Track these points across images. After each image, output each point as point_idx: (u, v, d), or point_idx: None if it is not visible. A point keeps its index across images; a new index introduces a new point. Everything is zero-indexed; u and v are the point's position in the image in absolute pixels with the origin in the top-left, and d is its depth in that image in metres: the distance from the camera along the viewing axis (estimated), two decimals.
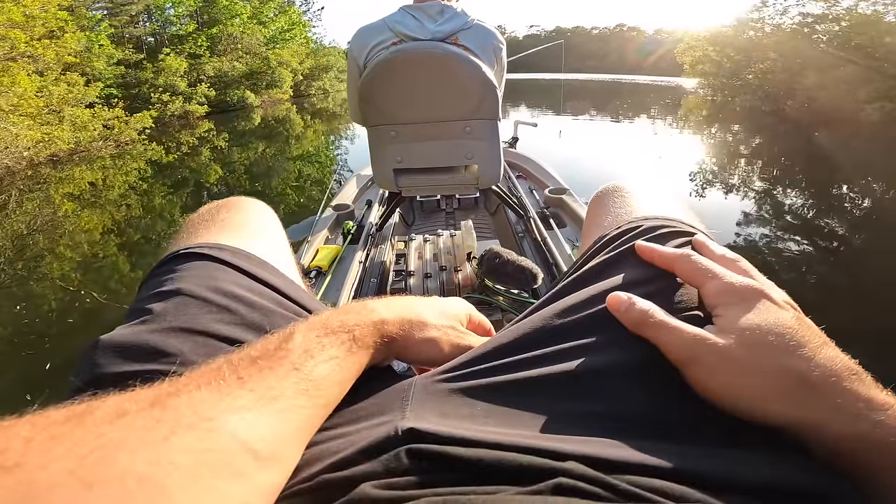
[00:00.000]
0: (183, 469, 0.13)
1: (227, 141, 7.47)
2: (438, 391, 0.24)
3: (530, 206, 1.36)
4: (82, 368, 0.24)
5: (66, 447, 0.12)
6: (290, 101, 15.66)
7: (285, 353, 0.20)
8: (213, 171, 5.15)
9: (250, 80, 14.14)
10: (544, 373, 0.22)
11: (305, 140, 7.76)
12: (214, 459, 0.14)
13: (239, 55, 14.45)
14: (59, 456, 0.12)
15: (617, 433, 0.19)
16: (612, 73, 42.71)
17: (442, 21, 0.96)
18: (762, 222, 2.87)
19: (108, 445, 0.13)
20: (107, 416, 0.14)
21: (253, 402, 0.17)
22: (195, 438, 0.14)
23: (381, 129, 1.01)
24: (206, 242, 0.33)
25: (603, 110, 11.01)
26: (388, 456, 0.18)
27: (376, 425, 0.21)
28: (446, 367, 0.26)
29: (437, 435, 0.19)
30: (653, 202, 0.36)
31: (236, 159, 6.05)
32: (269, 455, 0.16)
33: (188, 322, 0.26)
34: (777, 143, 6.46)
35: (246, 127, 9.65)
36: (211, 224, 0.36)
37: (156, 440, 0.14)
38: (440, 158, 1.04)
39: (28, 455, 0.12)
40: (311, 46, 21.61)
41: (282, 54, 15.84)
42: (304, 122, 10.44)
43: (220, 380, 0.17)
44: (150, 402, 0.15)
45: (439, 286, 0.92)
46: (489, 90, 0.94)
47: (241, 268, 0.31)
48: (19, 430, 0.12)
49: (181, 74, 11.32)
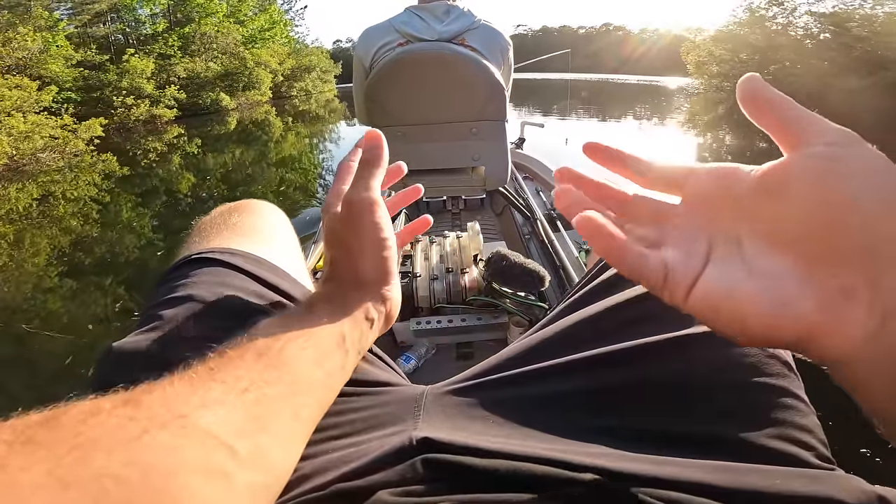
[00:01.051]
0: (158, 468, 0.14)
1: (201, 147, 7.62)
2: (451, 402, 0.27)
3: (537, 208, 1.47)
4: (97, 376, 0.27)
5: (45, 448, 0.13)
6: (270, 104, 16.11)
7: (250, 338, 0.22)
8: (185, 180, 5.24)
9: (226, 81, 14.55)
10: (558, 388, 0.25)
11: (286, 144, 7.96)
12: (189, 458, 0.15)
13: (214, 55, 14.90)
14: (40, 458, 0.13)
15: (629, 446, 0.21)
16: (598, 73, 46.28)
17: (448, 21, 1.07)
18: None
19: (84, 445, 0.14)
20: (80, 415, 0.15)
21: (223, 394, 0.18)
22: (169, 437, 0.15)
23: (387, 130, 1.10)
24: (219, 247, 0.36)
25: (608, 112, 11.64)
26: (404, 465, 0.21)
27: (389, 435, 0.24)
28: (458, 377, 0.30)
29: (451, 445, 0.21)
30: None
31: (211, 166, 6.17)
32: (249, 452, 0.17)
33: (200, 329, 0.28)
34: None
35: (221, 131, 9.87)
36: (223, 228, 0.39)
37: (130, 439, 0.15)
38: (447, 160, 1.15)
39: (10, 457, 0.13)
40: (294, 46, 22.57)
41: (260, 54, 16.43)
42: (285, 125, 10.71)
43: (191, 374, 0.19)
44: (124, 401, 0.16)
45: (445, 288, 1.00)
46: (496, 91, 1.04)
47: (254, 273, 0.34)
48: (1, 434, 0.13)
49: (148, 76, 11.56)
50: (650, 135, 7.87)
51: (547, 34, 65.03)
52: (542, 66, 2.39)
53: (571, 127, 8.58)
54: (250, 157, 6.91)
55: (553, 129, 7.50)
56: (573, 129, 8.31)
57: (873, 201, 0.14)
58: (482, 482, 0.20)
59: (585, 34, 69.46)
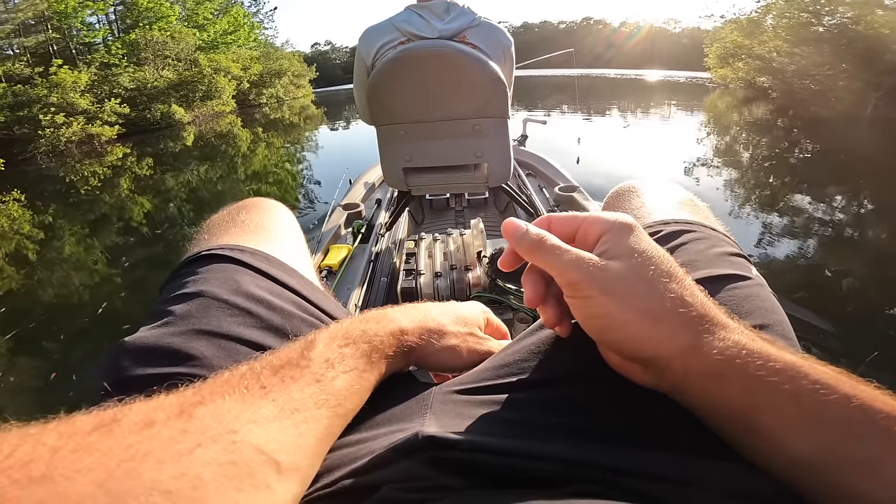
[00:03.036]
0: (207, 482, 0.18)
1: (153, 167, 7.92)
2: (457, 401, 0.32)
3: (540, 205, 1.76)
4: (108, 370, 0.33)
5: (94, 458, 0.16)
6: (235, 114, 16.92)
7: (307, 362, 0.27)
8: (137, 206, 5.44)
9: (181, 91, 15.24)
10: (562, 387, 0.31)
11: (256, 157, 8.37)
12: (238, 472, 0.19)
13: (167, 62, 15.76)
14: (88, 467, 0.16)
15: (635, 448, 0.26)
16: (578, 68, 52.82)
17: (449, 19, 1.30)
18: None
19: (136, 457, 0.17)
20: (134, 426, 0.18)
21: (276, 414, 0.23)
22: (220, 451, 0.19)
23: (389, 129, 1.37)
24: (227, 244, 0.43)
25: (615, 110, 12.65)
26: (410, 462, 0.25)
27: (396, 432, 0.28)
28: (464, 377, 0.35)
29: (457, 443, 0.26)
30: (669, 204, 0.49)
31: (171, 186, 6.44)
32: (290, 466, 0.22)
33: (210, 325, 0.35)
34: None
35: (177, 148, 10.26)
36: (231, 225, 0.48)
37: (182, 452, 0.18)
38: (449, 157, 1.40)
39: (55, 465, 0.15)
40: (264, 50, 24.15)
41: (218, 60, 17.39)
42: (255, 135, 11.24)
43: (243, 388, 0.23)
44: (177, 412, 0.20)
45: (449, 286, 1.22)
46: (498, 88, 1.28)
47: (262, 270, 0.42)
48: (45, 438, 0.16)
49: (81, 89, 11.86)
50: (685, 135, 8.31)
51: (528, 30, 74.98)
52: (538, 63, 2.75)
53: (594, 126, 9.36)
54: (217, 173, 7.25)
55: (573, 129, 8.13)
56: (598, 128, 9.10)
57: (626, 307, 0.26)
58: (487, 480, 0.25)
59: (566, 29, 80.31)
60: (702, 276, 0.39)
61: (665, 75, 22.06)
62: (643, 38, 67.37)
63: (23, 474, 0.15)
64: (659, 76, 27.35)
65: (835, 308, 2.17)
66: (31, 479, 0.14)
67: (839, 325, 1.99)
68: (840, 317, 2.07)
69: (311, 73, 28.93)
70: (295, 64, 26.07)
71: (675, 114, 11.72)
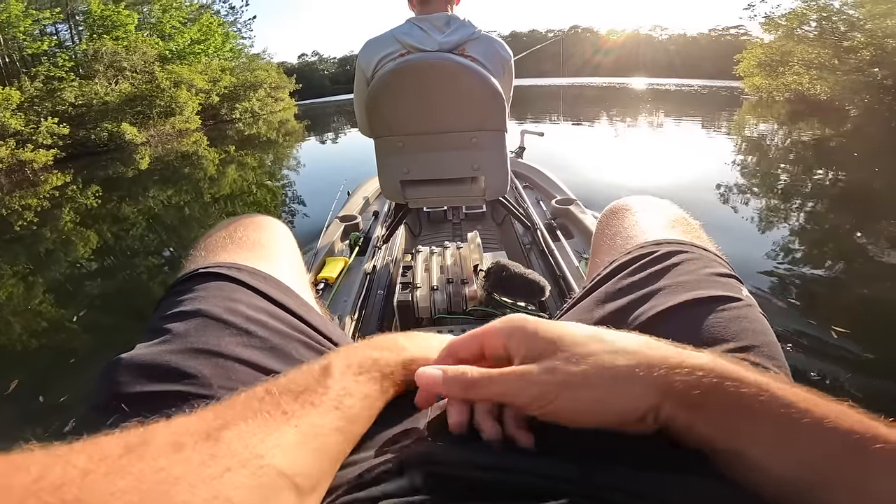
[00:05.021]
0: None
1: (100, 196, 8.23)
2: None
3: (537, 218, 2.10)
4: (103, 386, 0.39)
5: (127, 482, 0.20)
6: (201, 131, 17.79)
7: (325, 390, 0.35)
8: (84, 241, 5.67)
9: (135, 107, 15.96)
10: None
11: (226, 179, 8.85)
12: (264, 495, 0.25)
13: (122, 75, 16.58)
14: (122, 490, 0.19)
15: (633, 463, 0.32)
16: (566, 77, 58.76)
17: (449, 32, 1.56)
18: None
19: (169, 480, 0.21)
20: (164, 450, 0.23)
21: (298, 439, 0.30)
22: (248, 475, 0.25)
23: (387, 141, 1.65)
24: (224, 262, 0.52)
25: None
26: (406, 478, 0.32)
27: (394, 445, 0.36)
28: None
29: (453, 460, 0.33)
30: (662, 223, 0.60)
31: (124, 217, 6.73)
32: (309, 488, 0.29)
33: (208, 344, 0.42)
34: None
35: (128, 173, 10.68)
36: (228, 242, 0.57)
37: (213, 476, 0.23)
38: (447, 169, 1.67)
39: (87, 489, 0.18)
40: (240, 61, 25.96)
41: (179, 71, 18.35)
42: (227, 154, 11.81)
43: (265, 413, 0.30)
44: (205, 436, 0.26)
45: (446, 299, 1.45)
46: (496, 101, 1.54)
47: (259, 290, 0.50)
48: (75, 461, 0.20)
49: (13, 108, 12.08)
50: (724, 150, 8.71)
51: (517, 39, 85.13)
52: (531, 72, 3.19)
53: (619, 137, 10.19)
54: (180, 198, 7.60)
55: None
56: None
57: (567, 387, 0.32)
58: (483, 496, 0.30)
59: (554, 37, 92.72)
60: (692, 297, 0.48)
61: (648, 83, 25.40)
62: (630, 44, 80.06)
63: (56, 497, 0.17)
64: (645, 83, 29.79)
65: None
66: (65, 503, 0.17)
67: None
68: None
69: (290, 85, 30.70)
70: (272, 75, 27.67)
71: (704, 129, 12.27)
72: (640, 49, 75.91)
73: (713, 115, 15.04)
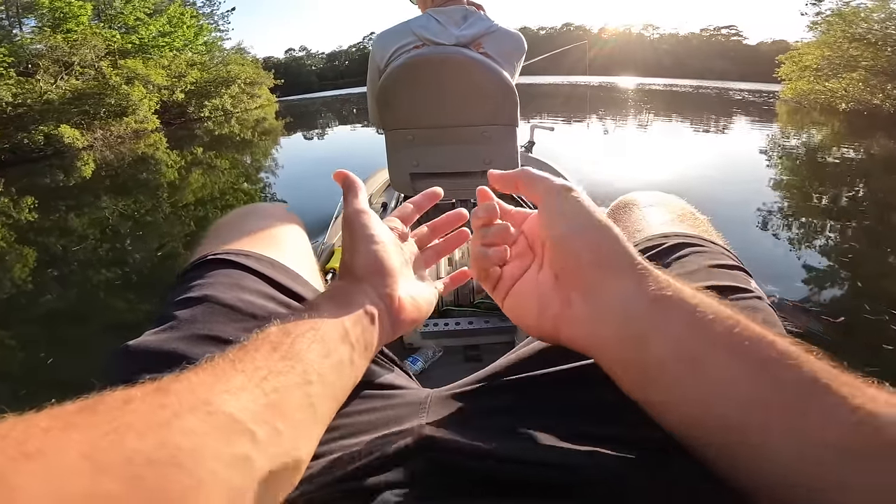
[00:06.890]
0: (186, 451, 0.26)
1: (36, 208, 8.32)
2: (455, 405, 0.47)
3: None
4: (110, 373, 0.46)
5: (80, 433, 0.24)
6: (163, 132, 18.45)
7: (264, 334, 0.40)
8: (19, 261, 5.68)
9: (79, 106, 16.47)
10: (563, 393, 0.45)
11: (188, 187, 9.16)
12: (215, 441, 0.28)
13: (69, 71, 17.15)
14: (76, 441, 0.23)
15: (632, 454, 0.37)
16: (556, 75, 61.83)
17: (465, 26, 1.82)
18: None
19: (120, 430, 0.25)
20: (114, 404, 0.27)
21: (245, 382, 0.34)
22: (197, 421, 0.29)
23: (398, 133, 1.95)
24: (233, 249, 0.61)
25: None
26: (409, 465, 0.37)
27: (394, 435, 0.42)
28: (464, 381, 0.53)
29: (454, 447, 0.38)
30: (669, 217, 0.69)
31: (69, 230, 6.90)
32: (267, 437, 0.32)
33: (216, 330, 0.49)
34: None
35: (69, 181, 10.94)
36: (237, 230, 0.67)
37: (160, 424, 0.27)
38: (457, 163, 1.96)
39: (47, 442, 0.23)
40: (213, 53, 27.19)
41: (134, 66, 19.05)
42: (192, 157, 12.26)
43: (214, 364, 0.35)
44: (155, 389, 0.30)
45: (454, 292, 1.70)
46: (508, 96, 1.81)
47: (267, 275, 0.58)
48: (38, 421, 0.24)
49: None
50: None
51: None
52: (533, 70, 3.58)
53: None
54: (134, 208, 7.86)
55: None
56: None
57: (575, 235, 0.42)
58: (483, 485, 0.36)
59: (546, 35, 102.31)
60: (699, 287, 0.51)
61: (639, 82, 27.35)
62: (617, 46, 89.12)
63: (19, 451, 0.22)
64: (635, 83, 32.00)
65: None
66: (27, 455, 0.22)
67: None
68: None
69: (269, 80, 32.11)
70: (248, 70, 28.99)
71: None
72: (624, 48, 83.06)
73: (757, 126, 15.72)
